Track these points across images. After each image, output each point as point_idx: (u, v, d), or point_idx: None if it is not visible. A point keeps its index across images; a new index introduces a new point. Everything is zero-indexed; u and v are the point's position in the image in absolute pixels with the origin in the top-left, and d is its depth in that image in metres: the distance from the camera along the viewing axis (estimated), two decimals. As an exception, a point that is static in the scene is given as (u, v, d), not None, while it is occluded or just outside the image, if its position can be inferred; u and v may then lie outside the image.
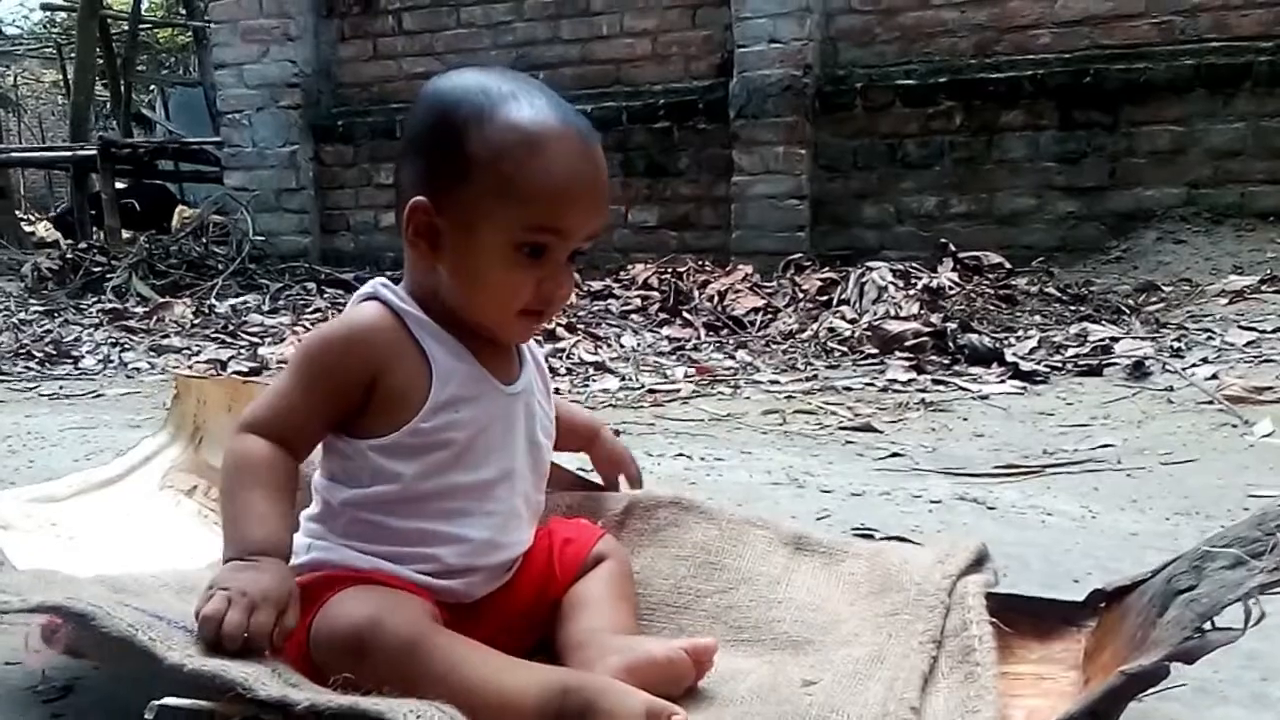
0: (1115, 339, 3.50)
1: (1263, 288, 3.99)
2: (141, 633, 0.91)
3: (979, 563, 1.17)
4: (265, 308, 5.36)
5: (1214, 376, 2.95)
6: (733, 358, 3.86)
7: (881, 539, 1.59)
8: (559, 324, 4.43)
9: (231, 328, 4.75)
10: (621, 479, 1.38)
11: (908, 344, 3.58)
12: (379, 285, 1.09)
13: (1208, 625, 0.83)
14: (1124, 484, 2.04)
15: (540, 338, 4.10)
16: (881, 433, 2.61)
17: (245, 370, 3.74)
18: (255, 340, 4.43)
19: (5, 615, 1.05)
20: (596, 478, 1.40)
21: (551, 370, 3.62)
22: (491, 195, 1.01)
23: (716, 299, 4.74)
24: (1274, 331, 3.41)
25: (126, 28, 13.94)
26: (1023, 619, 1.10)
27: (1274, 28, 4.76)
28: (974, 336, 3.50)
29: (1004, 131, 5.20)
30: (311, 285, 5.86)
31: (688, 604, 1.19)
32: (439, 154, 1.03)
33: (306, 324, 4.79)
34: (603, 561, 1.16)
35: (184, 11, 15.53)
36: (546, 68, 6.17)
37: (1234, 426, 2.45)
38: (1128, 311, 4.01)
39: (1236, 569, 0.85)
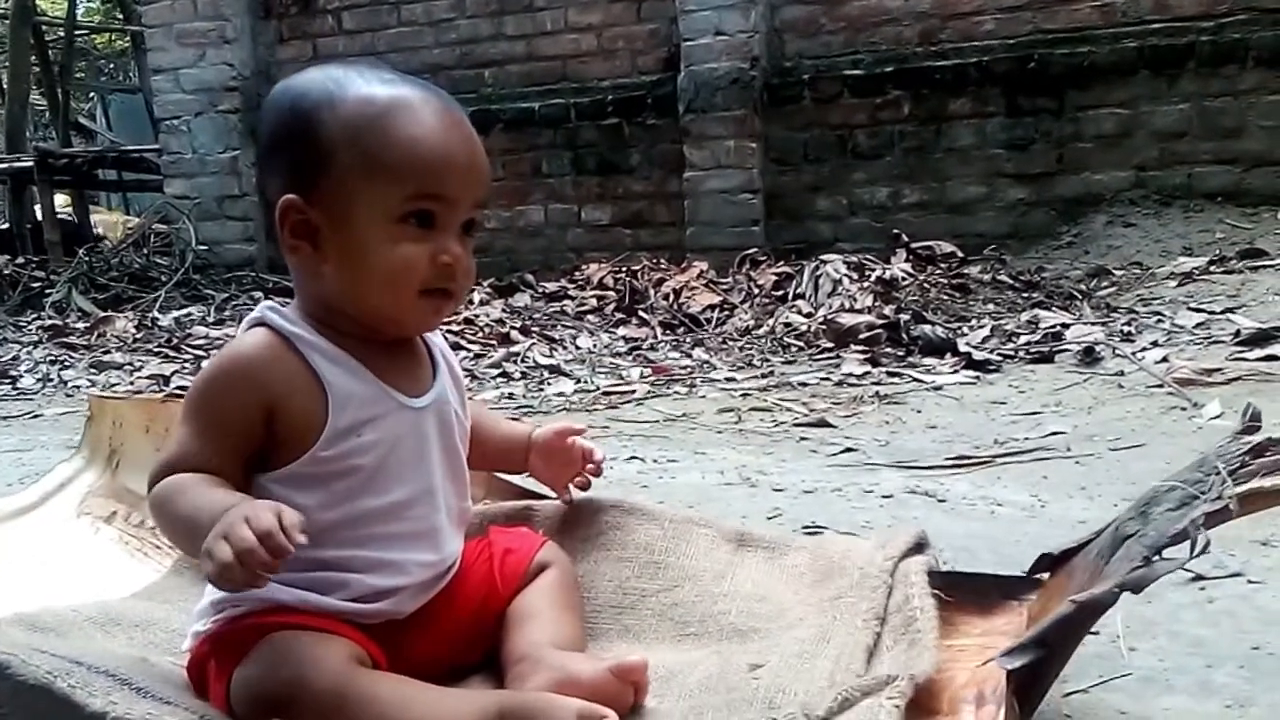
0: (1066, 325, 3.52)
1: (1211, 269, 4.03)
2: (60, 679, 0.87)
3: (919, 548, 1.18)
4: (210, 319, 5.25)
5: (1164, 359, 2.96)
6: (689, 356, 3.84)
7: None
8: (513, 327, 4.39)
9: (175, 341, 4.65)
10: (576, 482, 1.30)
11: (862, 337, 3.57)
12: (265, 309, 1.04)
13: (1155, 557, 0.84)
14: (1073, 472, 2.04)
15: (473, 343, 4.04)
16: (836, 428, 2.59)
17: (188, 386, 3.66)
18: (200, 354, 4.34)
19: None
20: (535, 486, 1.35)
21: (505, 375, 3.61)
22: (358, 173, 0.97)
23: (672, 297, 4.71)
24: (1223, 312, 3.43)
25: (62, 34, 13.67)
26: (964, 595, 1.12)
27: (1215, 7, 4.79)
28: (927, 327, 3.50)
29: (952, 120, 5.20)
30: (258, 294, 5.76)
31: (633, 604, 1.18)
32: (296, 147, 0.99)
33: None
34: (545, 570, 1.13)
35: (121, 16, 15.26)
36: (492, 65, 6.12)
37: (1183, 409, 2.45)
38: (1079, 297, 4.04)
39: (1181, 509, 0.87)
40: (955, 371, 3.15)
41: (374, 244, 0.98)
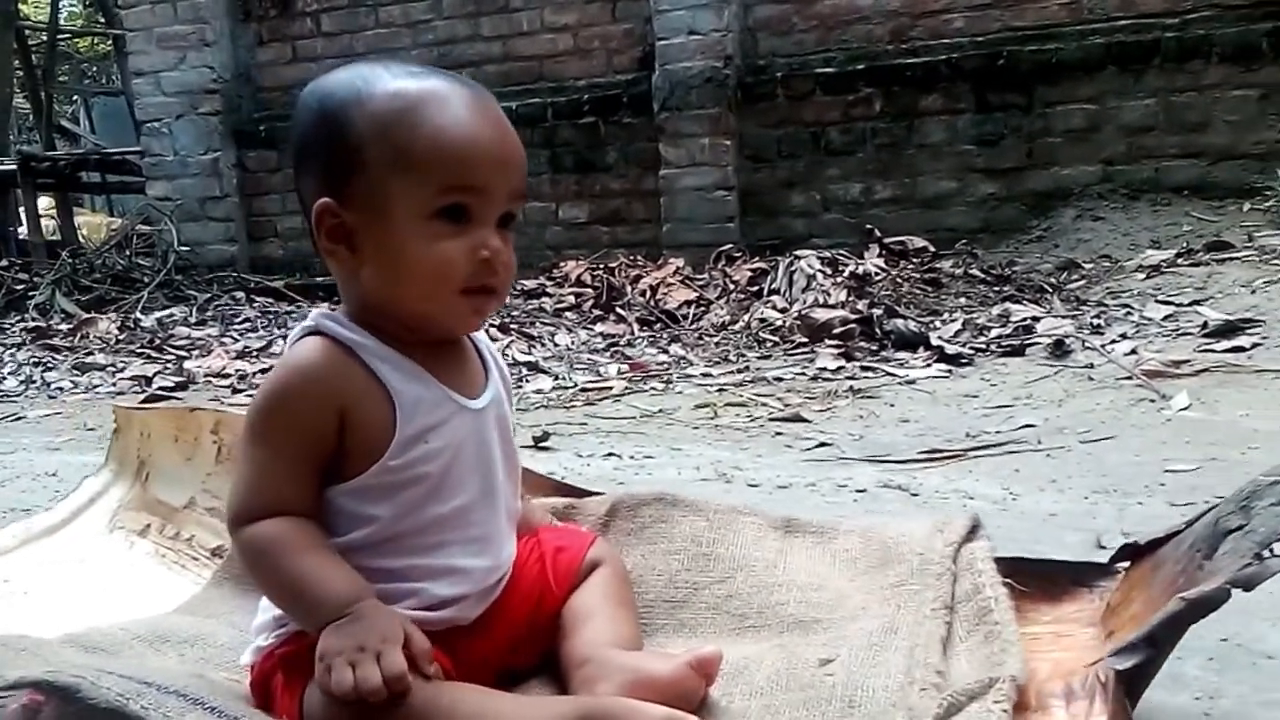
0: (1037, 318, 3.56)
1: (1179, 261, 4.07)
2: (133, 702, 0.85)
3: (973, 531, 1.17)
4: (192, 320, 5.26)
5: (1133, 352, 3.00)
6: (666, 352, 3.88)
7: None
8: (492, 324, 4.42)
9: (157, 342, 4.66)
10: None
11: (836, 332, 3.62)
12: (319, 317, 1.01)
13: (1266, 553, 0.83)
14: (1044, 464, 2.07)
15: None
16: (810, 422, 2.63)
17: (171, 385, 3.68)
18: (181, 354, 4.36)
19: None
20: (573, 481, 1.36)
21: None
22: (390, 169, 0.94)
23: (649, 293, 4.76)
24: (1190, 305, 3.48)
25: (45, 38, 13.56)
26: (1032, 581, 1.09)
27: (1180, 3, 4.85)
28: (900, 321, 3.55)
29: (923, 116, 5.26)
30: (240, 294, 5.77)
31: (685, 597, 1.16)
32: (327, 148, 0.97)
33: (234, 334, 4.74)
34: (598, 567, 1.12)
35: (103, 20, 15.15)
36: (469, 65, 6.13)
37: (1151, 401, 2.49)
38: (1049, 290, 4.08)
39: None
40: (928, 365, 3.19)
41: (410, 242, 0.94)
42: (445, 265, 0.95)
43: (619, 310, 4.59)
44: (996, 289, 4.19)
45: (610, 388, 3.28)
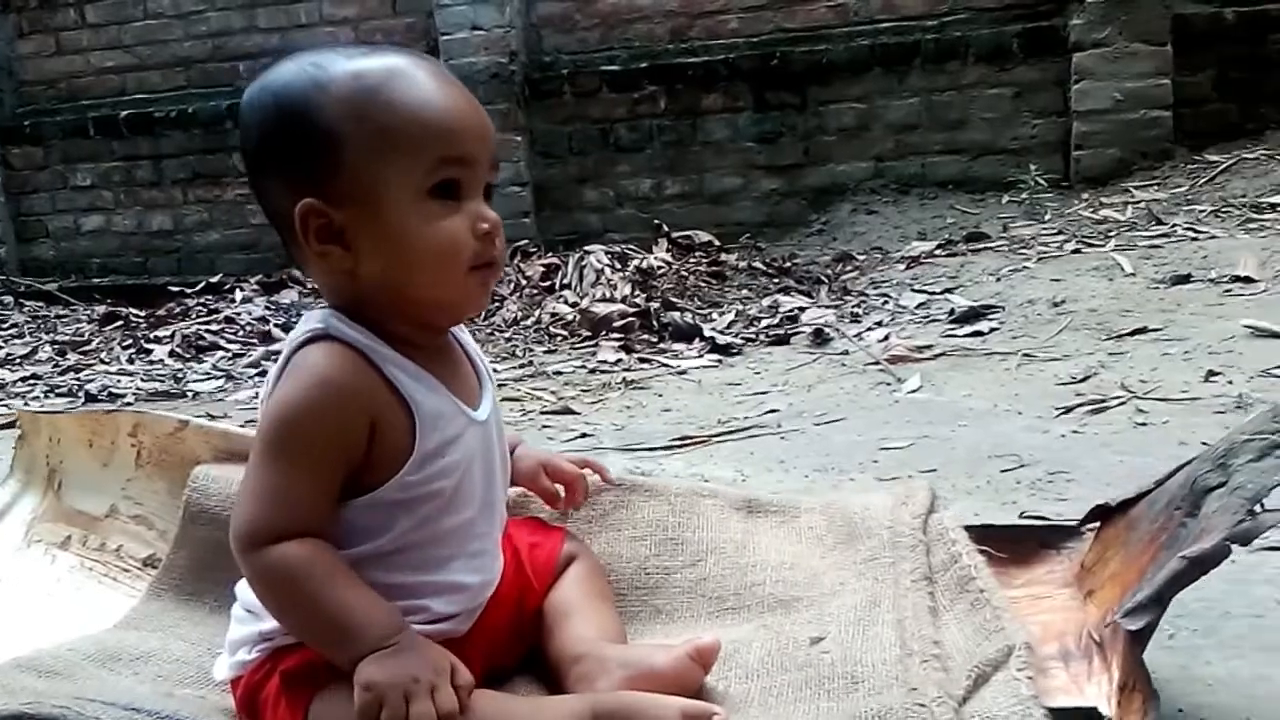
0: (803, 308, 3.67)
1: (937, 252, 4.28)
2: None
3: (933, 502, 1.19)
4: (-55, 331, 4.91)
5: (886, 339, 3.13)
6: (453, 350, 3.83)
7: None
8: (276, 325, 4.29)
9: (-96, 357, 4.32)
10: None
11: (616, 325, 3.66)
12: (329, 319, 0.94)
13: (1258, 509, 0.85)
14: (777, 446, 2.16)
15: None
16: (579, 414, 2.66)
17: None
18: (-72, 369, 4.05)
19: None
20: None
21: (264, 374, 3.50)
22: (376, 154, 0.89)
23: (440, 291, 4.68)
24: (943, 293, 3.64)
25: None
26: (1000, 546, 1.12)
27: (937, 6, 5.11)
28: (676, 314, 3.63)
29: (706, 114, 5.38)
30: (8, 299, 5.42)
31: (657, 583, 1.16)
32: (296, 145, 0.90)
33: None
34: (573, 561, 1.11)
35: None
36: (246, 58, 5.95)
37: (888, 385, 2.61)
38: (824, 281, 4.22)
39: (1265, 459, 0.88)
40: (700, 356, 3.26)
41: (411, 227, 0.90)
42: (452, 245, 0.91)
43: (408, 309, 4.51)
44: (776, 281, 4.30)
45: (386, 388, 3.21)
